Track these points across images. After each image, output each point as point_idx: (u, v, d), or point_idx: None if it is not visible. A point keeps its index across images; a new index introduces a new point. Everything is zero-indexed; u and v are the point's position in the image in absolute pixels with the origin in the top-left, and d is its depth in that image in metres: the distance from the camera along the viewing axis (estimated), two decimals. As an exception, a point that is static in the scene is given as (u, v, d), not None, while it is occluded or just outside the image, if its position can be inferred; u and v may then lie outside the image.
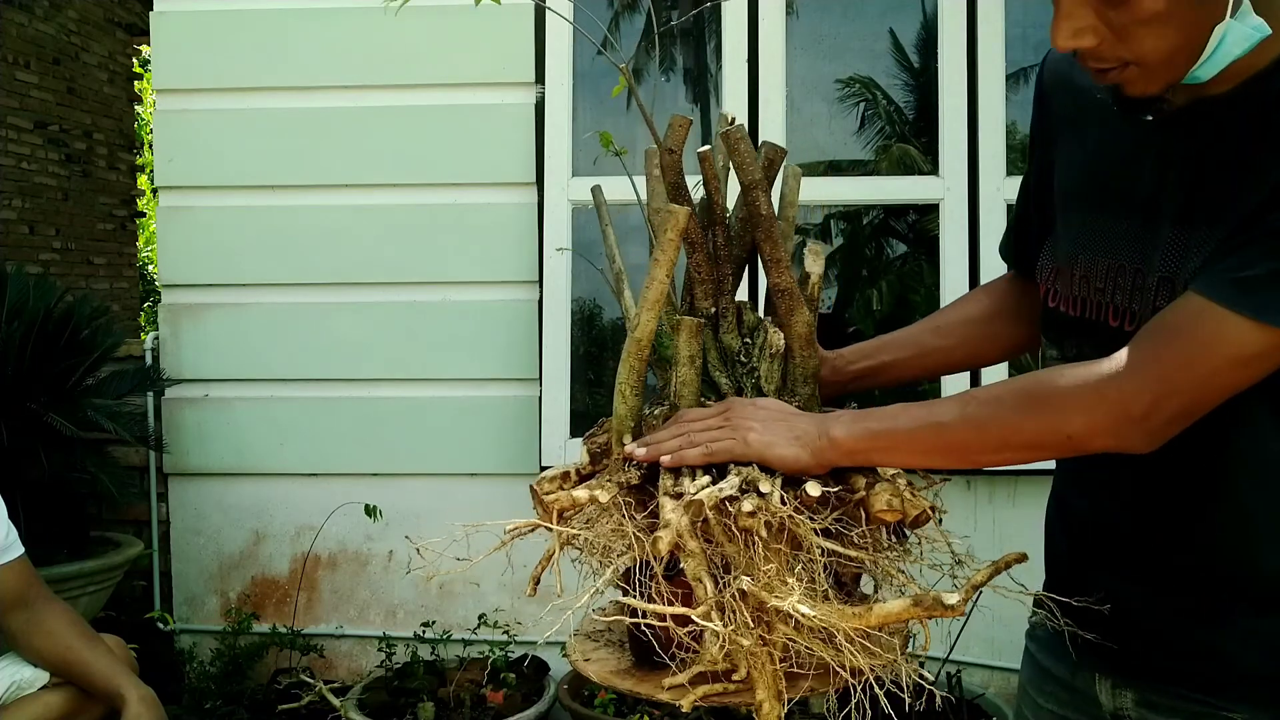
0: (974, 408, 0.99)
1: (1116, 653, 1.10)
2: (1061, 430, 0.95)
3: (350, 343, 3.20)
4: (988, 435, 0.98)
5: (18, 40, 6.18)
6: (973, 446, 1.00)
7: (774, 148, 1.12)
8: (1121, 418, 0.93)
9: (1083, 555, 1.16)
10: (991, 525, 3.01)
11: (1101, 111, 1.08)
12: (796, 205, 1.18)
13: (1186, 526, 1.05)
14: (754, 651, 0.88)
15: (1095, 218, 1.11)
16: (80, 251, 6.91)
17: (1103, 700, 1.13)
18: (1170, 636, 1.06)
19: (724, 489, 0.92)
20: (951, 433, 0.99)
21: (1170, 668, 1.06)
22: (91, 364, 3.07)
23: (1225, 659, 1.03)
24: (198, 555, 3.28)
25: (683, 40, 3.38)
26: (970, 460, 1.02)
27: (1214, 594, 1.04)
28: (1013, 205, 3.15)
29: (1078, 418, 0.94)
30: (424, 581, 3.21)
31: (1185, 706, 1.05)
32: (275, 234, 3.21)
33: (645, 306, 1.02)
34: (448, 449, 3.18)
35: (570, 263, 3.10)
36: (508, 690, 2.83)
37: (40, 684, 2.05)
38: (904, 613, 0.89)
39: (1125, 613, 1.09)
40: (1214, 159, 0.98)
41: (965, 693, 2.71)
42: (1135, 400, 0.92)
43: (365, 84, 3.19)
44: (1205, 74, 0.95)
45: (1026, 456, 1.02)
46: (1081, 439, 0.95)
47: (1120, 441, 0.94)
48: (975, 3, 2.98)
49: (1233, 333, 0.90)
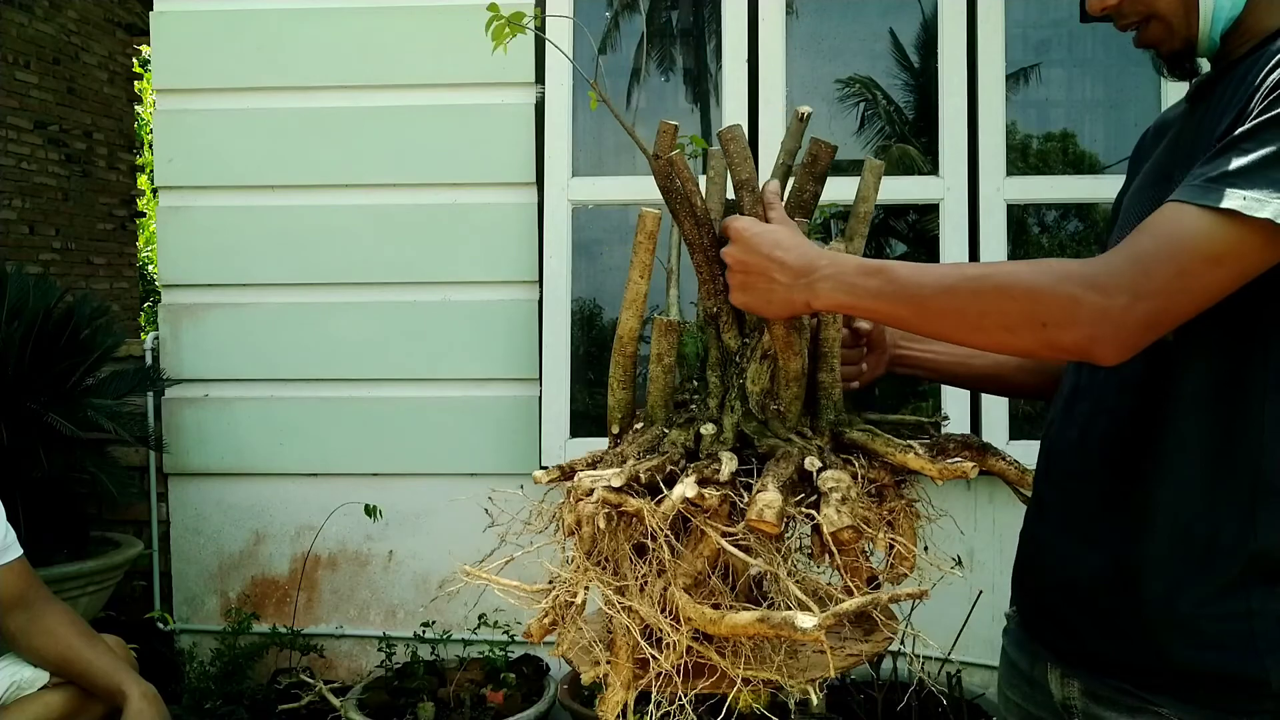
0: (956, 280, 0.98)
1: (1062, 640, 1.13)
2: (1037, 318, 0.94)
3: (350, 342, 3.20)
4: (965, 311, 0.97)
5: (18, 40, 6.18)
6: (947, 319, 0.99)
7: (820, 144, 1.12)
8: (1099, 316, 0.92)
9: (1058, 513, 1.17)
10: (991, 525, 3.01)
11: (1169, 127, 1.18)
12: (871, 200, 1.17)
13: (1143, 464, 1.05)
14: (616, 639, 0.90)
15: (1132, 199, 1.17)
16: (80, 251, 6.91)
17: (1053, 690, 1.15)
18: (1107, 614, 1.07)
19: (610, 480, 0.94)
20: (930, 303, 0.98)
21: (1107, 654, 1.07)
22: (91, 364, 3.07)
23: (1151, 643, 1.03)
24: (198, 555, 3.28)
25: (682, 40, 3.37)
26: (940, 332, 1.02)
27: (1151, 547, 1.04)
28: (1013, 205, 3.15)
29: (1057, 310, 0.93)
30: (423, 581, 3.21)
31: (1123, 700, 1.06)
32: (275, 234, 3.21)
33: (624, 306, 1.08)
34: (448, 449, 3.18)
35: (570, 263, 3.11)
36: (508, 690, 2.83)
37: (40, 684, 2.05)
38: (750, 627, 0.88)
39: (1071, 589, 1.11)
40: (1220, 110, 1.03)
41: (965, 693, 2.71)
42: (1113, 299, 0.91)
43: (366, 84, 3.19)
44: (1215, 33, 1.05)
45: (995, 340, 0.99)
46: (1056, 330, 0.93)
47: (1092, 342, 0.93)
48: (975, 3, 2.98)
49: (1200, 226, 0.91)
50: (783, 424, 1.08)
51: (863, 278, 1.00)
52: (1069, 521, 1.14)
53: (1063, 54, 3.24)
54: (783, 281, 1.02)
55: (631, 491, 0.95)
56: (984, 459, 1.01)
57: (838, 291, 1.00)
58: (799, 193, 1.12)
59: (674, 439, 1.07)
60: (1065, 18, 3.15)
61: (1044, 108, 3.30)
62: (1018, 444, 2.90)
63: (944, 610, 2.35)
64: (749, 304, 1.05)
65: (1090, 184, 3.09)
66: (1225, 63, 1.09)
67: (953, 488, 3.05)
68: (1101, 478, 1.10)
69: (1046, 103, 3.30)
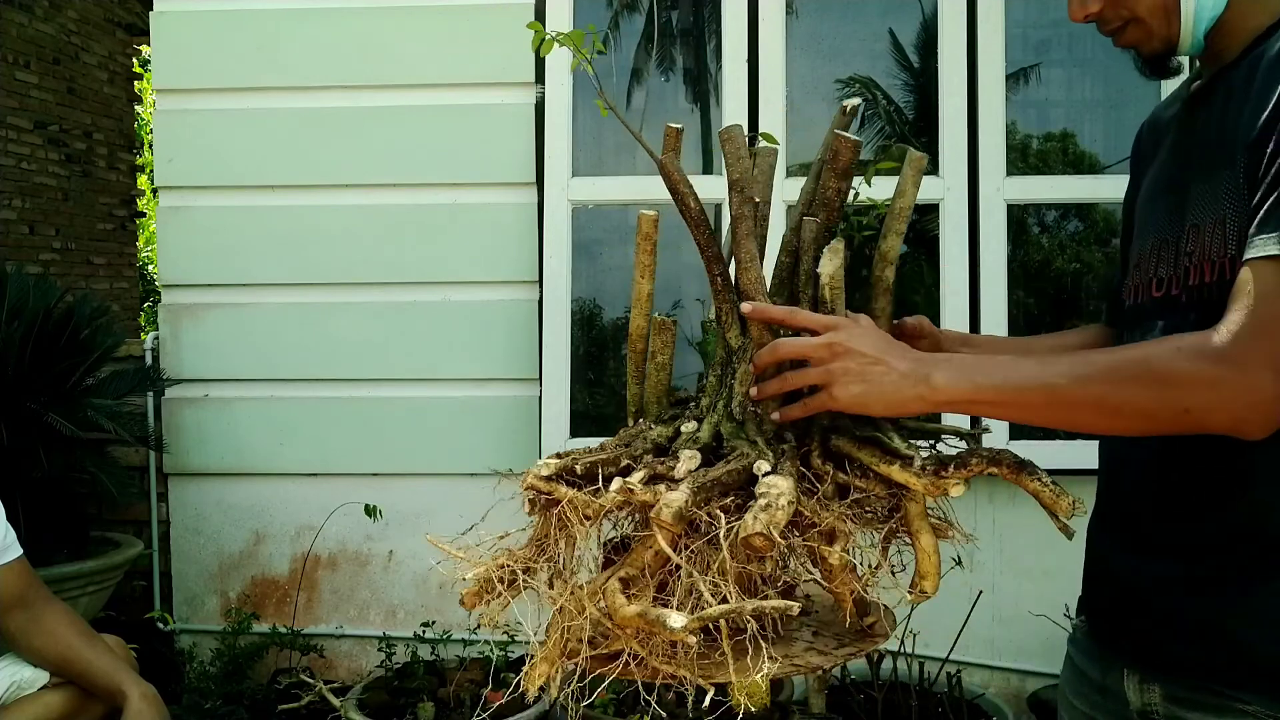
0: (1089, 370, 0.97)
1: (1138, 644, 1.12)
2: (1180, 405, 0.94)
3: (350, 343, 3.20)
4: (1104, 402, 0.96)
5: (18, 40, 6.19)
6: (1083, 411, 0.98)
7: (842, 139, 1.07)
8: (1242, 398, 0.93)
9: (1121, 522, 1.17)
10: (992, 525, 3.01)
11: (1167, 127, 1.19)
12: (910, 196, 1.15)
13: (1217, 479, 1.05)
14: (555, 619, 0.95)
15: (1147, 208, 1.18)
16: (80, 251, 6.91)
17: (1130, 698, 1.14)
18: (1180, 615, 1.07)
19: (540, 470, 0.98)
20: (1064, 395, 0.97)
21: (1187, 656, 1.07)
22: (91, 364, 3.07)
23: (1235, 643, 1.03)
24: (198, 555, 3.28)
25: (682, 40, 3.37)
26: (1073, 423, 1.01)
27: (1229, 557, 1.04)
28: (1013, 205, 3.15)
29: (1200, 395, 0.94)
30: (423, 581, 3.21)
31: (1206, 700, 1.05)
32: (275, 234, 3.21)
33: (631, 306, 1.09)
34: (448, 449, 3.18)
35: (570, 263, 3.11)
36: (508, 690, 2.83)
37: (40, 684, 2.05)
38: (633, 619, 0.90)
39: (1141, 595, 1.11)
40: (1231, 113, 1.04)
41: (965, 693, 2.71)
42: (1253, 376, 0.92)
43: (365, 84, 3.19)
44: (1199, 33, 1.07)
45: (1134, 426, 1.00)
46: (1200, 415, 0.94)
47: (1239, 423, 0.94)
48: (975, 3, 2.98)
49: None
50: (757, 426, 1.06)
51: (985, 367, 0.98)
52: (1135, 530, 1.14)
53: (1063, 54, 3.24)
54: (899, 369, 0.98)
55: (578, 482, 0.97)
56: (1018, 477, 0.96)
57: (959, 382, 0.98)
58: (822, 190, 1.10)
59: (652, 435, 1.07)
60: (1065, 18, 3.14)
61: (1044, 108, 3.30)
62: (1018, 444, 2.90)
63: (944, 610, 2.35)
64: (860, 395, 0.98)
65: (1090, 184, 3.09)
66: (1219, 65, 1.09)
67: (953, 488, 3.04)
68: (1164, 485, 1.10)
69: (1046, 103, 3.30)
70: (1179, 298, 1.08)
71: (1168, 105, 1.23)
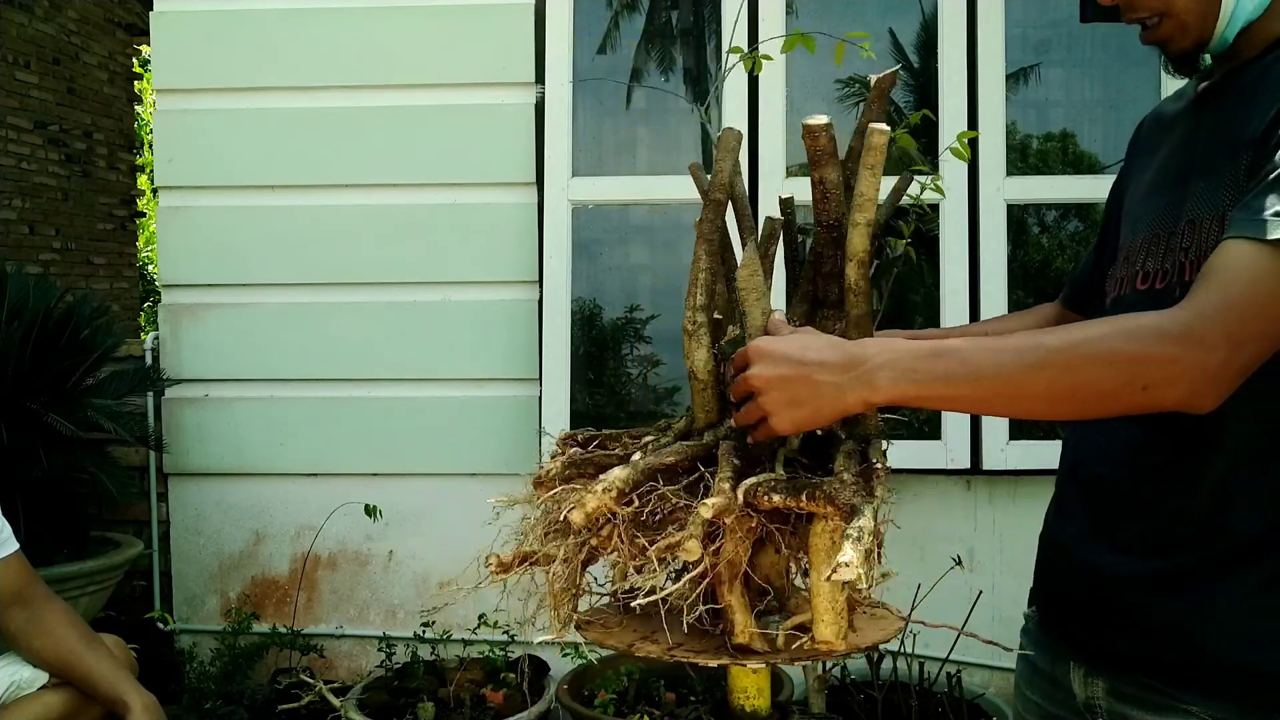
0: (1040, 355, 0.91)
1: (1087, 639, 1.13)
2: (1139, 382, 0.91)
3: (350, 343, 3.20)
4: (1056, 385, 0.91)
5: (18, 40, 6.18)
6: (1037, 396, 0.93)
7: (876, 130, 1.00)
8: (1200, 371, 0.90)
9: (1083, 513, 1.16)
10: (991, 525, 3.01)
11: (1172, 122, 1.18)
12: (869, 181, 1.02)
13: (1186, 473, 1.05)
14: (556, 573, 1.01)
15: (1143, 203, 1.18)
16: (80, 251, 6.91)
17: (1076, 690, 1.15)
18: (1137, 611, 1.07)
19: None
20: (1019, 382, 0.92)
21: (1137, 653, 1.07)
22: (91, 364, 3.07)
23: (1190, 644, 1.03)
24: (198, 555, 3.28)
25: (682, 40, 3.37)
26: (1026, 410, 0.98)
27: (1187, 550, 1.04)
28: (1012, 205, 3.15)
29: (1160, 369, 0.90)
30: (424, 581, 3.21)
31: (1150, 697, 1.06)
32: (275, 234, 3.21)
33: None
34: (448, 449, 3.18)
35: (570, 263, 3.11)
36: (508, 690, 2.83)
37: (40, 684, 2.05)
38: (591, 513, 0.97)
39: (1098, 588, 1.11)
40: (1240, 112, 1.03)
41: (965, 693, 2.71)
42: (1214, 353, 0.90)
43: (365, 84, 3.19)
44: (1231, 34, 1.05)
45: (1094, 408, 0.95)
46: (1159, 390, 0.91)
47: (1194, 396, 0.91)
48: (975, 3, 2.98)
49: None
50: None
51: (927, 362, 0.92)
52: (1095, 521, 1.13)
53: (1063, 54, 3.24)
54: (829, 381, 0.91)
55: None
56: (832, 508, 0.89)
57: (900, 381, 0.91)
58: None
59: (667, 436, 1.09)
60: (1065, 18, 3.15)
61: (1044, 108, 3.30)
62: (1017, 444, 2.90)
63: (944, 610, 2.35)
64: (799, 419, 0.93)
65: (1090, 184, 3.09)
66: (1233, 64, 1.09)
67: (952, 487, 3.05)
68: (1132, 478, 1.10)
69: (1046, 103, 3.29)
70: (1164, 292, 1.07)
71: (1173, 101, 1.22)
